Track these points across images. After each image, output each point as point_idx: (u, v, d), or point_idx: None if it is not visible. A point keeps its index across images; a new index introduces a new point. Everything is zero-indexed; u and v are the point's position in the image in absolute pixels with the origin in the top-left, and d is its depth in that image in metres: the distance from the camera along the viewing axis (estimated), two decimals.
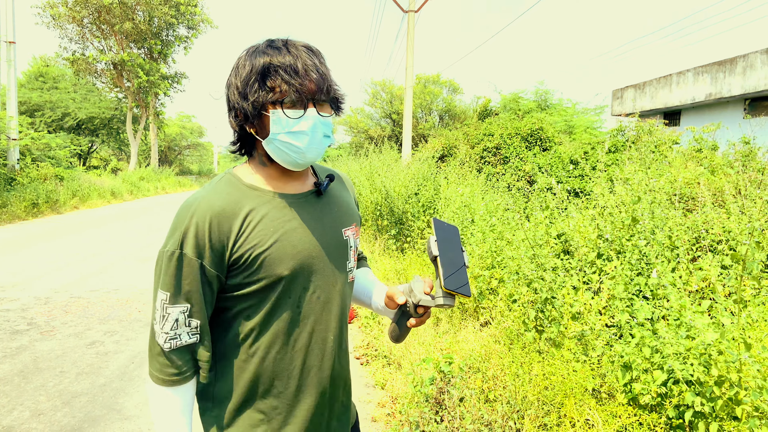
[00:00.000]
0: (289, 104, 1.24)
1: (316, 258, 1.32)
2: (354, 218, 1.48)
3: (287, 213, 1.31)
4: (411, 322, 1.38)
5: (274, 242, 1.26)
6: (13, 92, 18.41)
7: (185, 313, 1.24)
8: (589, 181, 8.55)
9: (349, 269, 1.44)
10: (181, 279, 1.23)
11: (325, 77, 1.26)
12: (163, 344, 1.25)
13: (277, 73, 1.22)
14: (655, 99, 20.87)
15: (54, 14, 26.13)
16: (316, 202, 1.38)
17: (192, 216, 1.24)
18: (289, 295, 1.30)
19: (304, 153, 1.27)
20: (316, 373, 1.36)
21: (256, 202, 1.29)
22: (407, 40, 17.18)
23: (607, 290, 3.72)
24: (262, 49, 1.26)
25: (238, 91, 1.27)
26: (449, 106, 31.47)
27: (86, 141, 31.93)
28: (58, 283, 7.22)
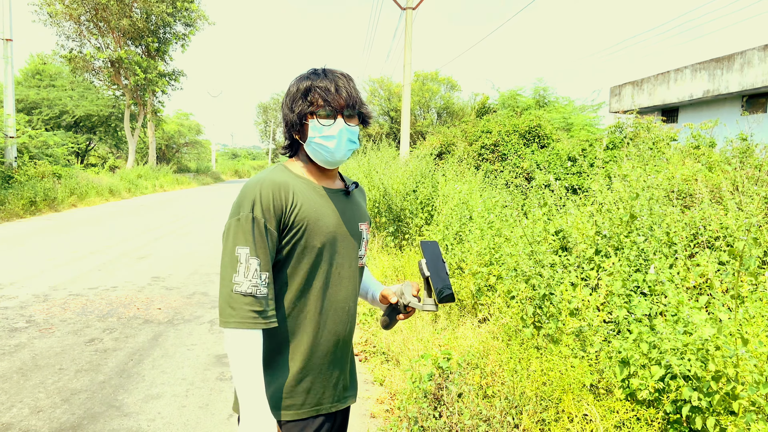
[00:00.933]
0: (323, 115, 1.62)
1: (339, 240, 1.68)
2: (367, 218, 1.86)
3: (324, 200, 1.68)
4: (400, 317, 1.85)
5: (314, 218, 1.61)
6: (11, 90, 18.36)
7: (259, 266, 1.51)
8: (587, 178, 8.57)
9: (360, 256, 1.79)
10: (254, 236, 1.52)
11: (353, 96, 1.65)
12: (247, 290, 1.49)
13: (316, 91, 1.62)
14: (653, 96, 20.88)
15: (51, 11, 26.03)
16: (343, 198, 1.76)
17: (260, 188, 1.56)
18: (319, 265, 1.64)
19: (333, 153, 1.64)
20: (335, 335, 1.71)
21: (303, 186, 1.65)
22: (405, 37, 17.16)
23: (605, 286, 3.73)
24: (307, 75, 1.67)
25: (288, 107, 1.67)
26: (447, 103, 31.45)
27: (84, 139, 31.84)
28: (56, 280, 7.21)
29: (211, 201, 21.72)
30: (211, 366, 4.57)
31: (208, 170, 45.67)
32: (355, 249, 1.75)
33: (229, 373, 4.43)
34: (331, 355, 1.71)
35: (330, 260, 1.66)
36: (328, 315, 1.67)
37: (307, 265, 1.62)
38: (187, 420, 3.62)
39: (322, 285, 1.65)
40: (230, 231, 1.54)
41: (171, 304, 6.34)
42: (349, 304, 1.74)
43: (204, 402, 3.90)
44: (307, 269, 1.62)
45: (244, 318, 1.49)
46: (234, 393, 1.63)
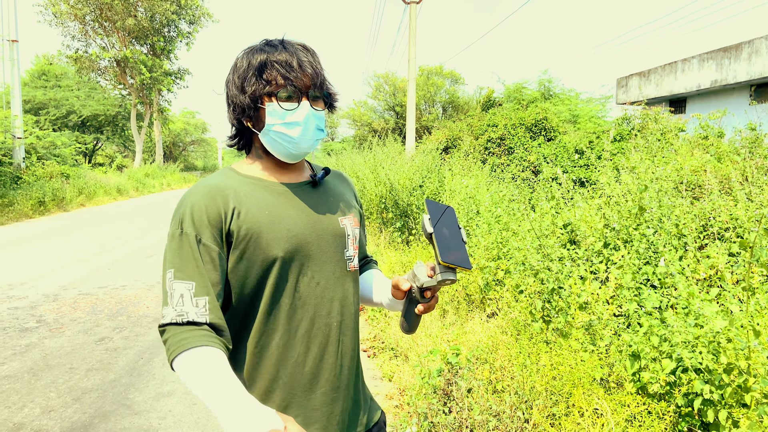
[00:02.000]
0: (284, 97, 1.31)
1: (311, 243, 1.36)
2: (352, 210, 1.51)
3: (282, 198, 1.37)
4: (419, 308, 1.40)
5: (268, 222, 1.31)
6: (17, 91, 18.46)
7: (191, 290, 1.23)
8: (595, 170, 8.52)
9: (348, 257, 1.45)
10: (183, 256, 1.25)
11: (319, 74, 1.35)
12: (169, 320, 1.21)
13: (274, 67, 1.30)
14: (660, 87, 20.74)
15: (56, 12, 26.15)
16: (311, 192, 1.43)
17: (190, 197, 1.31)
18: (286, 279, 1.32)
19: (297, 143, 1.34)
20: (321, 361, 1.37)
21: (250, 187, 1.36)
22: (409, 31, 17.11)
23: (615, 280, 3.70)
24: (260, 47, 1.35)
25: (236, 86, 1.35)
26: (452, 97, 31.37)
27: (91, 138, 32.03)
28: (66, 280, 7.25)
29: None
30: None
31: (214, 168, 45.83)
32: (337, 250, 1.41)
33: None
34: (321, 387, 1.38)
35: (301, 270, 1.34)
36: (307, 337, 1.35)
37: (271, 282, 1.31)
38: (197, 418, 3.63)
39: (290, 302, 1.33)
40: (164, 253, 1.30)
41: None
42: (339, 318, 1.40)
43: None
44: (270, 288, 1.31)
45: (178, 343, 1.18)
46: None
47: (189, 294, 1.22)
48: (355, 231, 1.48)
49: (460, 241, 1.34)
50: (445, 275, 1.30)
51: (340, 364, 1.41)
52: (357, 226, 1.51)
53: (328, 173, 1.51)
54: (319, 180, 1.46)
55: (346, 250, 1.44)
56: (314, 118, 1.34)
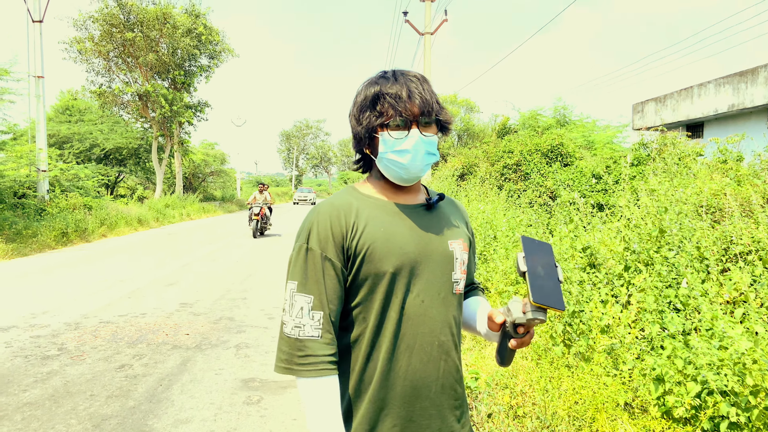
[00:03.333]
0: (394, 126, 1.41)
1: (420, 262, 1.43)
2: (461, 235, 1.56)
3: (396, 217, 1.46)
4: (512, 344, 1.41)
5: (382, 237, 1.40)
6: (42, 125, 18.93)
7: (309, 304, 1.36)
8: (613, 194, 8.47)
9: (455, 281, 1.49)
10: (307, 270, 1.38)
11: (428, 102, 1.42)
12: (290, 331, 1.36)
13: (385, 99, 1.41)
14: (676, 111, 20.66)
15: (81, 49, 26.91)
16: (424, 213, 1.51)
17: (316, 215, 1.42)
18: (395, 293, 1.40)
19: (407, 169, 1.43)
20: (421, 375, 1.43)
21: (369, 205, 1.46)
22: (424, 61, 17.32)
23: (637, 303, 3.66)
24: (375, 80, 1.47)
25: (354, 118, 1.48)
26: (467, 125, 31.55)
27: (114, 171, 32.62)
28: (87, 308, 7.33)
29: (236, 227, 21.94)
30: (239, 390, 4.57)
31: (233, 198, 46.26)
32: (445, 272, 1.46)
33: (256, 396, 4.44)
34: (419, 402, 1.43)
35: (407, 286, 1.41)
36: (410, 352, 1.41)
37: (380, 296, 1.39)
38: None
39: (398, 317, 1.40)
40: (288, 264, 1.44)
41: (198, 329, 6.39)
42: (440, 338, 1.44)
43: (232, 426, 3.90)
44: (380, 301, 1.40)
45: (288, 364, 1.36)
46: None
47: (308, 307, 1.36)
48: (463, 255, 1.53)
49: (556, 280, 1.34)
50: (535, 314, 1.31)
51: (441, 384, 1.45)
52: (466, 251, 1.55)
53: (442, 198, 1.58)
54: (434, 204, 1.53)
55: (454, 273, 1.49)
56: (423, 144, 1.41)
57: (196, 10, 28.63)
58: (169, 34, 27.30)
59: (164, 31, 27.21)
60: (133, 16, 26.54)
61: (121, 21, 26.35)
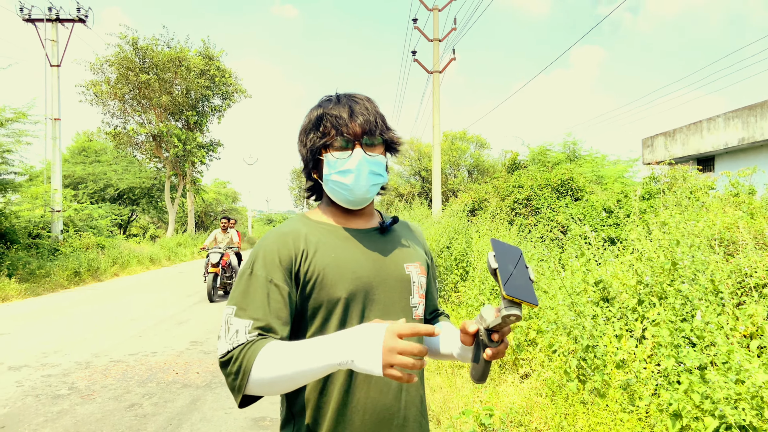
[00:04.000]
0: (337, 147, 1.38)
1: (375, 287, 1.38)
2: (419, 258, 1.52)
3: (349, 242, 1.41)
4: (487, 353, 1.33)
5: (333, 264, 1.35)
6: (58, 167, 19.28)
7: (246, 327, 1.25)
8: (625, 228, 8.42)
9: (413, 305, 1.45)
10: (249, 295, 1.29)
11: (371, 121, 1.38)
12: (223, 351, 1.24)
13: (327, 119, 1.38)
14: (686, 146, 20.67)
15: (97, 92, 27.56)
16: (378, 237, 1.47)
17: (263, 242, 1.37)
18: (349, 320, 1.34)
19: (352, 190, 1.38)
20: (382, 408, 1.35)
21: (320, 231, 1.42)
22: (433, 99, 17.55)
23: (652, 337, 3.60)
24: (319, 103, 1.45)
25: (300, 142, 1.46)
26: (477, 161, 31.71)
27: (127, 210, 32.96)
28: (98, 347, 7.32)
29: None
30: (249, 429, 4.51)
31: (244, 236, 46.48)
32: (402, 296, 1.42)
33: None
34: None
35: (362, 313, 1.35)
36: (368, 384, 1.34)
37: (335, 324, 1.33)
38: None
39: None
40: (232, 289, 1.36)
41: (208, 367, 6.35)
42: None
43: None
44: (334, 329, 1.33)
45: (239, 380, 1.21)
46: None
47: (244, 330, 1.25)
48: (420, 279, 1.48)
49: (527, 278, 1.30)
50: (509, 310, 1.24)
51: (404, 416, 1.39)
52: (423, 274, 1.51)
53: (396, 222, 1.56)
54: (387, 227, 1.49)
55: (411, 297, 1.45)
56: (368, 164, 1.38)
57: (210, 53, 29.34)
58: (183, 76, 27.93)
59: (178, 73, 27.84)
60: (148, 60, 27.23)
61: (136, 64, 27.03)
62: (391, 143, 1.46)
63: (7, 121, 14.20)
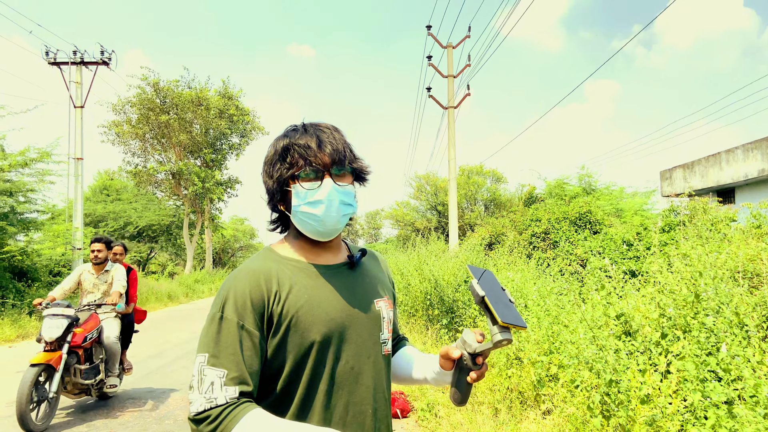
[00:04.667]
0: (305, 177, 1.34)
1: (347, 327, 1.35)
2: (387, 291, 1.51)
3: (319, 281, 1.37)
4: (472, 376, 1.36)
5: (306, 305, 1.31)
6: (80, 205, 19.63)
7: (221, 378, 1.21)
8: (645, 261, 8.32)
9: (383, 341, 1.44)
10: (220, 341, 1.24)
11: (340, 151, 1.36)
12: (198, 408, 1.19)
13: (295, 149, 1.35)
14: (705, 178, 20.51)
15: (119, 132, 28.25)
16: (348, 274, 1.43)
17: (233, 282, 1.31)
18: (323, 363, 1.31)
19: (323, 221, 1.35)
20: None
21: (290, 269, 1.36)
22: (448, 134, 17.69)
23: (677, 371, 3.52)
24: (285, 133, 1.41)
25: (266, 173, 1.41)
26: (494, 195, 31.72)
27: (146, 248, 33.35)
28: None
29: None
30: None
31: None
32: (373, 334, 1.40)
33: None
34: None
35: (336, 355, 1.32)
36: (342, 424, 1.32)
37: (308, 368, 1.30)
38: None
39: (327, 388, 1.31)
40: (200, 336, 1.29)
41: None
42: (373, 404, 1.38)
43: None
44: (308, 374, 1.30)
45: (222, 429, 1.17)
46: None
47: (220, 382, 1.20)
48: (389, 313, 1.47)
49: (508, 301, 1.33)
50: (503, 335, 1.27)
51: None
52: (391, 308, 1.50)
53: (364, 254, 1.53)
54: (357, 262, 1.46)
55: (381, 334, 1.43)
56: (338, 193, 1.35)
57: (229, 93, 30.02)
58: (202, 115, 28.54)
59: (198, 113, 28.46)
60: (169, 100, 27.91)
61: (157, 105, 27.71)
62: (359, 172, 1.43)
63: (32, 161, 14.55)
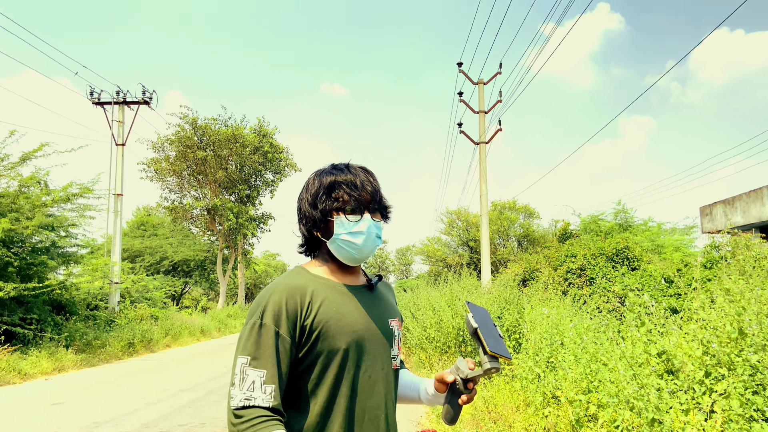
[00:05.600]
0: (349, 211, 1.57)
1: (368, 339, 1.56)
2: (397, 314, 1.73)
3: (346, 297, 1.58)
4: (463, 399, 1.59)
5: (335, 317, 1.51)
6: (118, 240, 20.11)
7: (261, 378, 1.40)
8: (686, 298, 8.05)
9: (394, 356, 1.65)
10: (260, 345, 1.43)
11: (377, 191, 1.62)
12: (238, 403, 1.38)
13: (341, 187, 1.57)
14: (747, 214, 19.93)
15: (157, 169, 29.02)
16: (368, 294, 1.65)
17: (271, 294, 1.50)
18: (347, 370, 1.51)
19: (361, 249, 1.57)
20: None
21: (321, 286, 1.56)
22: (480, 169, 17.66)
23: (722, 411, 3.36)
24: (328, 170, 1.64)
25: (308, 203, 1.62)
26: (527, 231, 31.35)
27: (180, 282, 33.81)
28: (148, 418, 7.33)
29: None
30: None
31: None
32: (386, 349, 1.61)
33: None
34: None
35: (357, 363, 1.52)
36: (360, 426, 1.51)
37: (333, 372, 1.49)
38: None
39: (349, 392, 1.50)
40: (238, 339, 1.48)
41: None
42: (385, 411, 1.57)
43: None
44: (333, 377, 1.49)
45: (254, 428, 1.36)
46: None
47: (260, 381, 1.40)
48: (399, 333, 1.69)
49: (498, 335, 1.56)
50: (492, 363, 1.50)
51: None
52: (401, 329, 1.71)
53: (380, 279, 1.74)
54: (375, 285, 1.68)
55: (393, 349, 1.64)
56: (374, 227, 1.59)
57: (264, 130, 30.68)
58: (238, 152, 29.15)
59: (234, 150, 29.09)
60: (206, 137, 28.64)
61: (195, 142, 28.45)
62: (386, 211, 1.67)
63: (74, 196, 15.00)
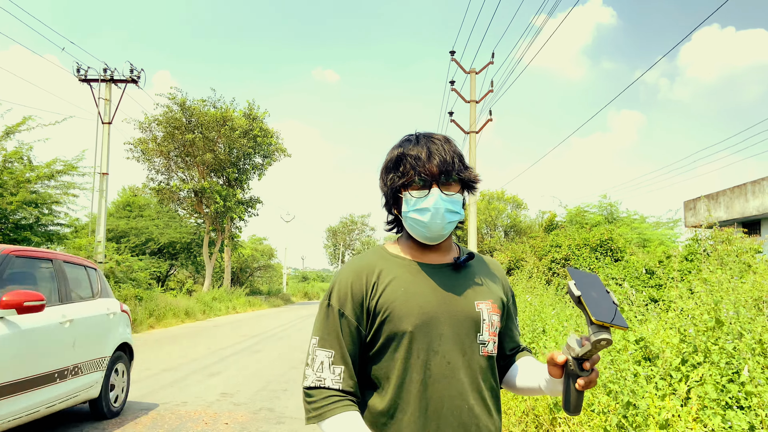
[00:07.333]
0: (415, 186, 1.44)
1: (442, 323, 1.42)
2: (492, 296, 1.52)
3: (419, 277, 1.47)
4: (579, 383, 1.32)
5: (402, 298, 1.42)
6: (103, 220, 19.95)
7: (330, 358, 1.40)
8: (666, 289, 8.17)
9: (482, 342, 1.46)
10: (327, 326, 1.43)
11: (447, 162, 1.43)
12: (310, 383, 1.39)
13: (406, 160, 1.45)
14: (730, 209, 20.18)
15: (144, 149, 28.72)
16: (450, 273, 1.50)
17: (340, 275, 1.48)
18: (417, 354, 1.40)
19: (429, 227, 1.44)
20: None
21: (393, 265, 1.49)
22: (469, 158, 17.69)
23: (697, 397, 3.43)
24: (399, 143, 1.52)
25: (381, 180, 1.54)
26: (514, 221, 31.52)
27: (166, 264, 33.56)
28: (129, 396, 7.32)
29: (280, 321, 21.98)
30: None
31: (279, 292, 46.68)
32: (470, 333, 1.44)
33: None
34: None
35: (429, 346, 1.40)
36: (438, 416, 1.38)
37: (401, 356, 1.40)
38: None
39: (422, 378, 1.39)
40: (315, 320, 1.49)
41: (237, 419, 6.27)
42: (469, 401, 1.41)
43: None
44: (401, 361, 1.40)
45: (315, 411, 1.37)
46: None
47: (328, 362, 1.39)
48: (492, 317, 1.48)
49: (611, 302, 1.30)
50: (598, 335, 1.24)
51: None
52: (496, 312, 1.50)
53: (471, 258, 1.55)
54: (461, 263, 1.51)
55: (480, 334, 1.46)
56: (444, 202, 1.43)
57: (254, 114, 30.43)
58: (227, 135, 28.91)
59: (222, 132, 28.85)
60: (194, 119, 28.35)
61: (183, 123, 28.15)
62: (468, 182, 1.50)
63: (58, 173, 14.83)
